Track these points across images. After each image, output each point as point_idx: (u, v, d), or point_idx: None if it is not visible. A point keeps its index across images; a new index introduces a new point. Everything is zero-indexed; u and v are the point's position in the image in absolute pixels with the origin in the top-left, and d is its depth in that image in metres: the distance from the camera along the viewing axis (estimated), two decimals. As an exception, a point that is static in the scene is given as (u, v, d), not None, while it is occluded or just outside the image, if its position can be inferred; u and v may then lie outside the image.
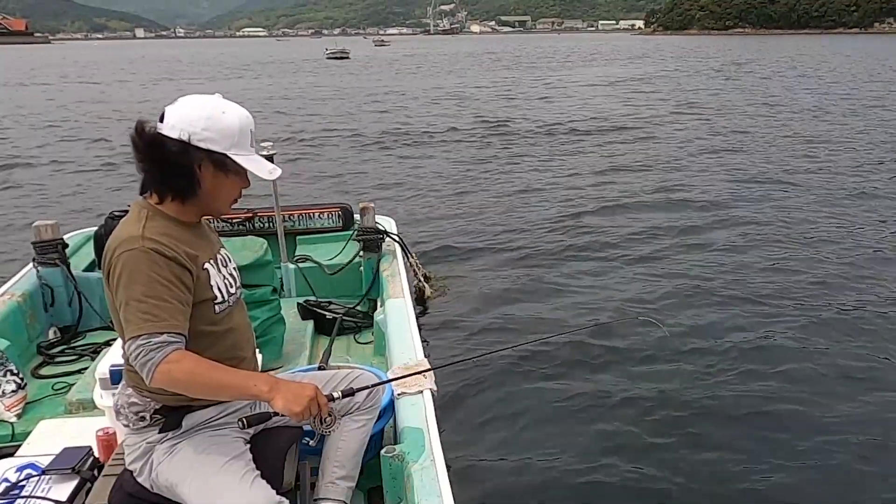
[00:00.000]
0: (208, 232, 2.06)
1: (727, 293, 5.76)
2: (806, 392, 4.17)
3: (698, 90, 26.17)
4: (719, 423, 3.84)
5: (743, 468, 3.46)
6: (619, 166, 11.76)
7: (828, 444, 3.63)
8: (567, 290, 6.02)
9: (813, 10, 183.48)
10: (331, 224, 5.01)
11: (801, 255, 6.79)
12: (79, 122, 19.44)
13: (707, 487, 3.34)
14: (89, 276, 4.21)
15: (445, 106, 22.36)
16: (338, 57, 65.72)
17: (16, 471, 2.32)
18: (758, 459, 3.53)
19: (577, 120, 17.83)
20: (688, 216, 8.40)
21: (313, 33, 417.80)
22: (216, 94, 1.92)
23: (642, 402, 4.07)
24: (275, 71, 47.17)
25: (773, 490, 3.31)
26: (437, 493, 2.11)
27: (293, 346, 3.67)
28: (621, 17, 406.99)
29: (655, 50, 74.46)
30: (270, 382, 1.82)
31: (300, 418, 1.83)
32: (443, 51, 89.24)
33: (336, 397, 1.98)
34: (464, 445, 3.63)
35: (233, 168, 1.87)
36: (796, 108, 19.35)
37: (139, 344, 1.72)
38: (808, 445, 3.63)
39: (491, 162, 12.45)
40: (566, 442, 3.71)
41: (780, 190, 9.72)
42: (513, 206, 9.15)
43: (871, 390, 4.16)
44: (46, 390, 3.41)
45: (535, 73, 39.34)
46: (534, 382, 4.31)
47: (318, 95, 27.12)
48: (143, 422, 1.90)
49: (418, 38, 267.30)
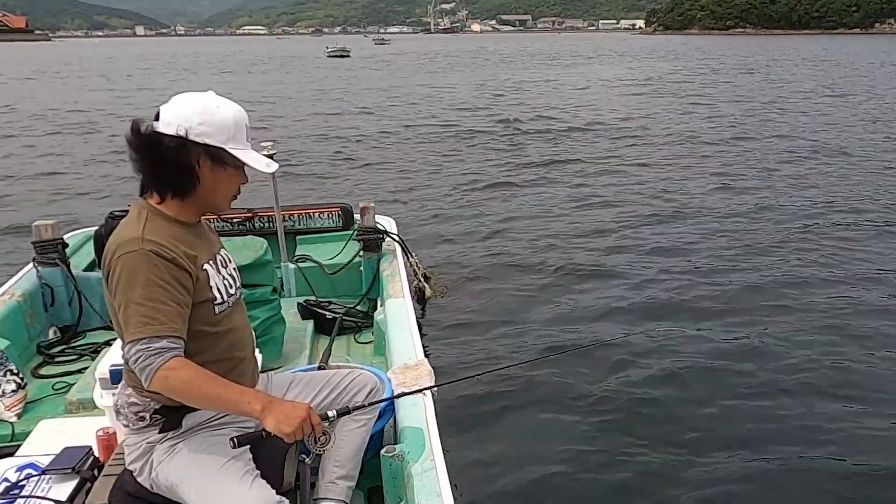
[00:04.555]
0: (208, 232, 2.06)
1: (738, 308, 5.51)
2: (826, 408, 3.99)
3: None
4: (722, 442, 3.71)
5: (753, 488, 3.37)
6: (626, 168, 11.68)
7: (861, 466, 3.47)
8: (567, 290, 6.02)
9: (814, 10, 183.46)
10: (331, 224, 5.01)
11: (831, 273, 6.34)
12: (79, 121, 19.42)
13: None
14: (89, 276, 4.21)
15: (446, 105, 22.34)
16: (338, 55, 66.09)
17: (16, 471, 2.32)
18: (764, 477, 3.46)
19: (584, 120, 17.76)
20: (701, 226, 8.02)
21: (313, 31, 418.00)
22: (209, 90, 1.93)
23: (644, 408, 4.04)
24: (276, 70, 47.15)
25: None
26: (437, 493, 2.11)
27: (293, 346, 3.67)
28: (622, 17, 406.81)
29: (654, 48, 74.14)
30: (264, 401, 1.82)
31: (291, 439, 1.83)
32: (443, 49, 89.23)
33: (331, 417, 1.98)
34: (464, 445, 3.63)
35: (230, 162, 1.88)
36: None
37: (139, 348, 1.72)
38: (827, 464, 3.49)
39: (492, 162, 12.45)
40: (566, 442, 3.71)
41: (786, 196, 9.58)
42: (514, 206, 9.15)
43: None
44: (46, 390, 3.41)
45: (536, 73, 39.32)
46: (534, 383, 4.31)
47: (318, 94, 27.12)
48: (143, 422, 1.91)
49: (419, 37, 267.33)
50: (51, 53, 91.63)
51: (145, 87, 30.99)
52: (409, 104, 23.04)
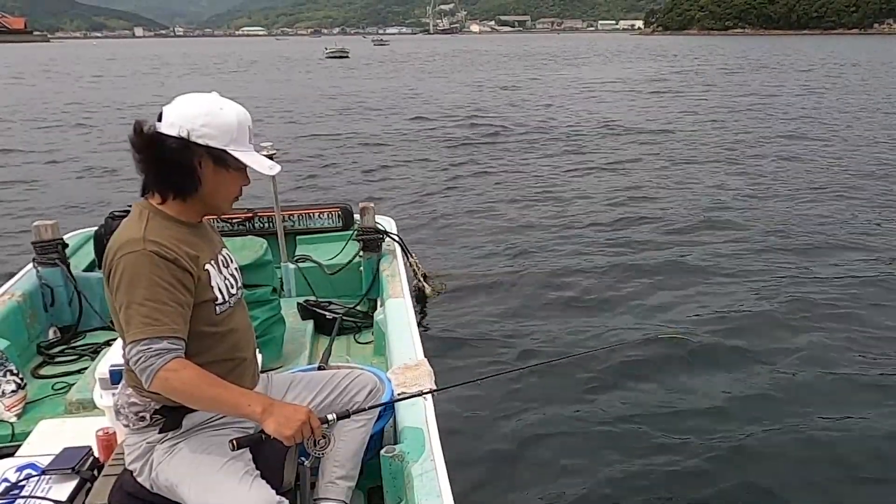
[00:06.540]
0: (210, 232, 2.05)
1: (750, 312, 5.45)
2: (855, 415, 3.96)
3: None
4: (723, 443, 3.70)
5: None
6: (627, 169, 11.68)
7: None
8: (568, 291, 6.02)
9: (812, 10, 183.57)
10: (331, 224, 5.01)
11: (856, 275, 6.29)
12: (79, 120, 19.42)
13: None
14: (89, 276, 4.20)
15: (446, 106, 22.34)
16: (337, 56, 66.30)
17: (16, 471, 2.31)
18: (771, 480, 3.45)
19: (585, 122, 17.77)
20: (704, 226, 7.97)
21: (312, 32, 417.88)
22: (213, 92, 1.93)
23: (645, 414, 4.02)
24: (276, 70, 47.13)
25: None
26: (437, 493, 2.11)
27: (293, 346, 3.67)
28: (621, 18, 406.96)
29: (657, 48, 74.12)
30: (264, 404, 1.82)
31: (291, 442, 1.83)
32: (442, 50, 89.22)
33: (331, 420, 1.98)
34: (464, 446, 3.63)
35: (233, 164, 1.87)
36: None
37: (139, 349, 1.72)
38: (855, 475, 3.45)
39: (492, 162, 12.46)
40: (566, 443, 3.72)
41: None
42: (514, 206, 9.16)
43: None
44: (46, 390, 3.41)
45: (538, 73, 39.32)
46: (535, 384, 4.31)
47: (318, 94, 27.13)
48: (144, 422, 1.90)
49: (418, 38, 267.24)
50: (50, 54, 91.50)
51: (146, 88, 31.00)
52: (409, 104, 23.05)
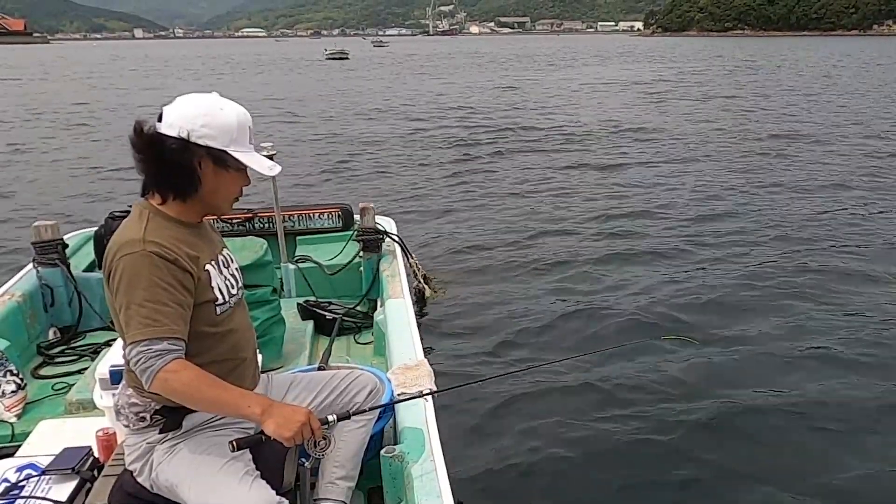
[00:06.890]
0: (210, 232, 2.05)
1: (753, 309, 5.43)
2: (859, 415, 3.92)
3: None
4: (723, 445, 3.68)
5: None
6: (628, 170, 11.66)
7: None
8: (569, 292, 6.02)
9: (812, 11, 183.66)
10: (331, 224, 5.02)
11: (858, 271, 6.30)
12: (79, 120, 19.42)
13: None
14: (89, 277, 4.21)
15: (446, 106, 22.34)
16: (337, 57, 66.36)
17: (16, 471, 2.31)
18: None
19: (585, 122, 17.74)
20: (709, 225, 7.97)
21: (312, 34, 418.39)
22: (213, 92, 1.93)
23: (646, 415, 4.00)
24: (275, 71, 47.15)
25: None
26: (437, 493, 2.11)
27: (293, 347, 3.67)
28: (620, 19, 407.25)
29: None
30: (264, 405, 1.82)
31: (291, 443, 1.83)
32: (441, 51, 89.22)
33: (331, 421, 1.98)
34: (464, 445, 3.63)
35: (233, 165, 1.87)
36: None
37: (139, 350, 1.72)
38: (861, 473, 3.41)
39: (493, 162, 12.45)
40: (567, 444, 3.70)
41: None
42: (514, 207, 9.15)
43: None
44: (46, 390, 3.41)
45: (538, 73, 39.34)
46: (535, 384, 4.31)
47: (318, 95, 27.14)
48: (144, 422, 1.90)
49: (417, 39, 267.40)
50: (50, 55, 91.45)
51: (147, 88, 31.00)
52: (409, 105, 23.05)
